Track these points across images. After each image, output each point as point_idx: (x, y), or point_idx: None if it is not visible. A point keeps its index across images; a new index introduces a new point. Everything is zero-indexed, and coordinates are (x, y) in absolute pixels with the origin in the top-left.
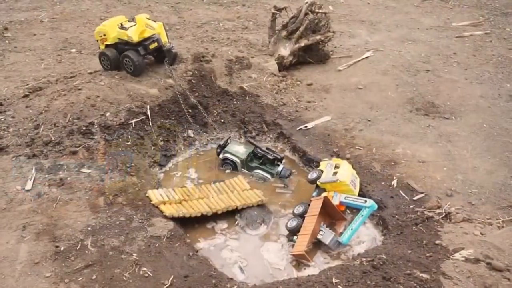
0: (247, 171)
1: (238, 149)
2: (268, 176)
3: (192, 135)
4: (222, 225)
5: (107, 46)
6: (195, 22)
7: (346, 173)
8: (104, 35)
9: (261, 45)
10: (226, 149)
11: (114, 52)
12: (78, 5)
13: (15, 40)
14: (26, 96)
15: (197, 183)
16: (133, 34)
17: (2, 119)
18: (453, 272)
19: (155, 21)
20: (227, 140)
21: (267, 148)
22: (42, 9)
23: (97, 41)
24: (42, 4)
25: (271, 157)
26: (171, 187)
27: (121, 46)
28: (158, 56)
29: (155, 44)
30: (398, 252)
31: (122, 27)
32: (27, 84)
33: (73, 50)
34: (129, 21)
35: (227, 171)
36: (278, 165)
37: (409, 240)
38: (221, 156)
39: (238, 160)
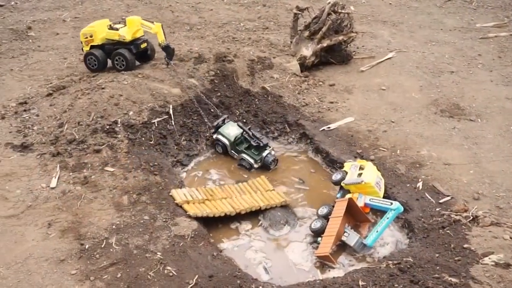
0: (235, 154)
1: (230, 131)
2: (252, 161)
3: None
4: (246, 225)
5: (92, 47)
6: (216, 22)
7: (371, 174)
8: (91, 36)
9: (282, 45)
10: (219, 130)
11: (101, 52)
12: (100, 4)
13: (39, 39)
14: (50, 94)
15: (220, 183)
16: (126, 34)
17: (27, 117)
18: (483, 276)
19: (152, 22)
20: (224, 120)
21: (253, 134)
22: (64, 9)
23: (81, 42)
24: (65, 4)
25: (254, 144)
26: (194, 186)
27: (109, 46)
28: (143, 56)
29: (145, 44)
30: (425, 255)
31: (111, 28)
32: (51, 83)
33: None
34: (115, 23)
35: (218, 150)
36: (263, 151)
37: (436, 243)
38: (214, 136)
39: (227, 142)
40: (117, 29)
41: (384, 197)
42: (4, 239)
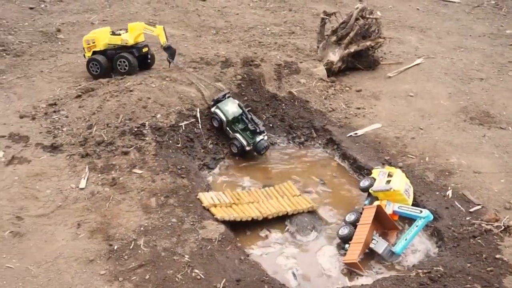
0: (229, 132)
1: (229, 109)
2: (244, 143)
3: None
4: (272, 230)
5: (94, 53)
6: (242, 26)
7: (400, 182)
8: (93, 42)
9: (309, 50)
10: (219, 104)
11: (104, 58)
12: (127, 8)
13: (67, 42)
14: (79, 96)
15: (246, 187)
16: (129, 38)
17: (56, 119)
18: None
19: (154, 25)
20: (225, 95)
21: (252, 118)
22: (92, 12)
23: (83, 49)
24: (93, 7)
25: (251, 127)
26: (220, 190)
27: (111, 51)
28: (143, 62)
29: (146, 49)
30: (456, 265)
31: (113, 33)
32: (80, 85)
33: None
34: (118, 30)
35: (214, 124)
36: (258, 136)
37: (467, 253)
38: (212, 109)
39: (224, 119)
40: (119, 35)
41: (412, 205)
42: (35, 238)
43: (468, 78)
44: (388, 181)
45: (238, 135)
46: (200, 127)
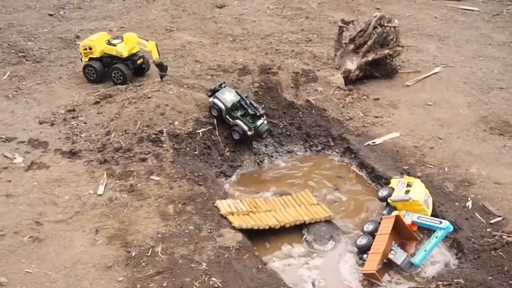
0: (229, 120)
1: (226, 97)
2: (246, 128)
3: (256, 147)
4: (289, 239)
5: (91, 59)
6: (259, 34)
7: (419, 192)
8: (90, 48)
9: (326, 58)
10: (216, 94)
11: (100, 64)
12: (145, 15)
13: None
14: (97, 102)
15: (263, 195)
16: (123, 50)
17: (75, 125)
18: None
19: (147, 40)
20: (221, 85)
21: (250, 103)
22: (110, 19)
23: (80, 53)
24: (111, 14)
25: (251, 112)
26: (237, 198)
27: (107, 59)
28: (139, 69)
29: (141, 60)
30: (477, 277)
31: (109, 43)
32: (98, 91)
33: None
34: (114, 38)
35: (213, 113)
36: (258, 120)
37: (488, 265)
38: (210, 100)
39: (223, 107)
40: (114, 45)
41: (432, 216)
42: (54, 243)
43: (487, 87)
44: (407, 191)
45: (238, 121)
46: (217, 134)
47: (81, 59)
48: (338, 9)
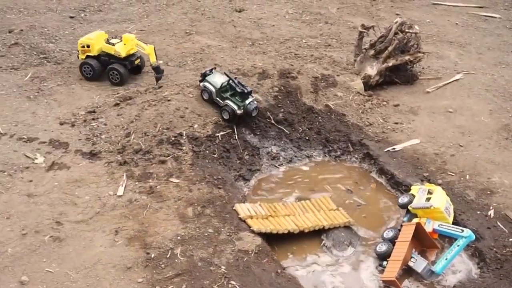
0: (219, 102)
1: (216, 80)
2: (235, 107)
3: (275, 151)
4: (308, 244)
5: (88, 56)
6: (278, 38)
7: (441, 199)
8: (88, 46)
9: (346, 63)
10: (207, 78)
11: (97, 62)
12: (164, 18)
13: None
14: (117, 104)
15: (281, 199)
16: (121, 50)
17: (95, 126)
18: None
19: (146, 43)
20: (211, 70)
21: (239, 82)
22: (130, 22)
23: (78, 51)
24: (131, 16)
25: (239, 90)
26: (256, 201)
27: (104, 58)
28: (135, 69)
29: (138, 60)
30: None
31: (108, 42)
32: (118, 93)
33: (160, 61)
34: (113, 38)
35: (204, 97)
36: (247, 99)
37: (511, 275)
38: (200, 84)
39: (213, 89)
40: (113, 44)
41: (452, 224)
42: (74, 243)
43: (510, 95)
44: (428, 199)
45: (228, 102)
46: (236, 138)
47: (78, 56)
48: (358, 14)
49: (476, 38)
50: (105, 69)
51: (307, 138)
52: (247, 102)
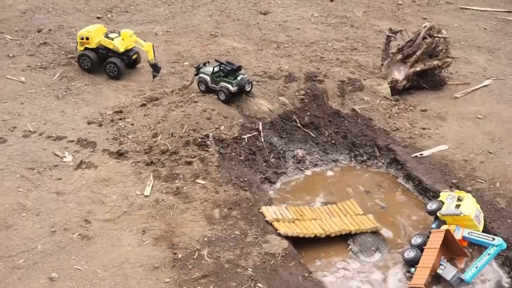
0: (215, 87)
1: (209, 68)
2: (229, 86)
3: (301, 154)
4: (335, 249)
5: (86, 49)
6: (303, 41)
7: (471, 207)
8: (87, 39)
9: (372, 67)
10: (200, 70)
11: (95, 55)
12: (190, 20)
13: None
14: (143, 105)
15: (307, 203)
16: (120, 45)
17: (122, 126)
18: None
19: (145, 41)
20: (205, 63)
21: (227, 62)
22: (156, 23)
23: (77, 42)
24: (157, 18)
25: (229, 68)
26: (282, 204)
27: (102, 51)
28: (132, 64)
29: (136, 55)
30: None
31: (107, 36)
32: (144, 94)
33: (186, 63)
34: (112, 32)
35: (201, 89)
36: (238, 76)
37: None
38: (196, 78)
39: (207, 77)
40: (112, 39)
41: (482, 232)
42: (102, 241)
43: None
44: (458, 206)
45: (222, 83)
46: (262, 140)
47: (76, 48)
48: (384, 18)
49: (506, 44)
50: (103, 62)
51: (333, 142)
52: (238, 78)
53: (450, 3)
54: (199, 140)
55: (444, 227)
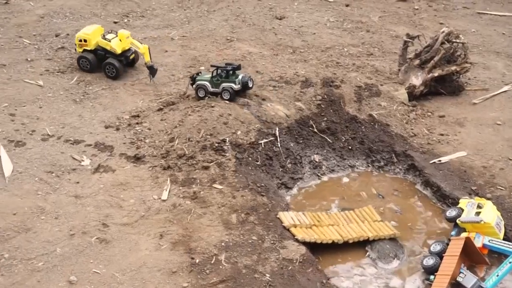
0: (216, 89)
1: (206, 76)
2: (232, 84)
3: (317, 160)
4: (352, 255)
5: (85, 50)
6: (319, 46)
7: (491, 214)
8: (85, 41)
9: (389, 72)
10: (197, 78)
11: (93, 56)
12: (206, 24)
13: None
14: (160, 109)
15: (324, 208)
16: (117, 47)
17: (139, 130)
18: None
19: (141, 43)
20: (198, 73)
21: (225, 63)
22: (172, 28)
23: (75, 44)
24: (172, 22)
25: (229, 69)
26: (299, 210)
27: (101, 52)
28: (130, 63)
29: (133, 55)
30: None
31: (104, 37)
32: (161, 98)
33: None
34: (109, 32)
35: (200, 95)
36: (239, 74)
37: None
38: (194, 86)
39: (207, 83)
40: (109, 40)
41: (503, 239)
42: (120, 245)
43: None
44: (478, 213)
45: (224, 84)
46: (279, 145)
47: (75, 50)
48: (400, 23)
49: None
50: (101, 63)
51: (350, 147)
52: (240, 77)
53: (468, 8)
54: (216, 144)
55: (463, 235)
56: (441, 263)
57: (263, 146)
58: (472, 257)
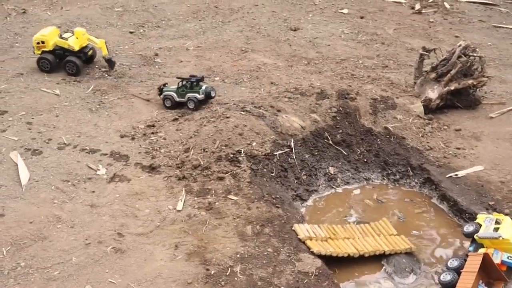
0: (182, 99)
1: (172, 87)
2: (196, 95)
3: (332, 172)
4: (368, 269)
5: (43, 52)
6: (334, 58)
7: (510, 230)
8: (43, 42)
9: (404, 85)
10: (164, 89)
11: (53, 57)
12: (221, 35)
13: (164, 66)
14: (175, 119)
15: (339, 221)
16: (74, 44)
17: (155, 140)
18: None
19: (97, 37)
20: (165, 84)
21: (190, 75)
22: (187, 38)
23: (33, 47)
24: (187, 33)
25: (193, 80)
26: (314, 223)
27: (59, 52)
28: (89, 60)
29: (91, 51)
30: None
31: (61, 37)
32: (176, 108)
33: (217, 78)
34: (65, 32)
35: (167, 105)
36: (203, 85)
37: None
38: (161, 96)
39: (173, 93)
40: (66, 39)
41: None
42: (135, 255)
43: None
44: (496, 229)
45: (189, 94)
46: (294, 157)
47: (34, 52)
48: (415, 36)
49: None
50: (61, 62)
51: (365, 160)
52: (203, 87)
53: (483, 21)
54: (231, 155)
55: (481, 251)
56: (459, 279)
57: (278, 157)
58: (490, 273)
